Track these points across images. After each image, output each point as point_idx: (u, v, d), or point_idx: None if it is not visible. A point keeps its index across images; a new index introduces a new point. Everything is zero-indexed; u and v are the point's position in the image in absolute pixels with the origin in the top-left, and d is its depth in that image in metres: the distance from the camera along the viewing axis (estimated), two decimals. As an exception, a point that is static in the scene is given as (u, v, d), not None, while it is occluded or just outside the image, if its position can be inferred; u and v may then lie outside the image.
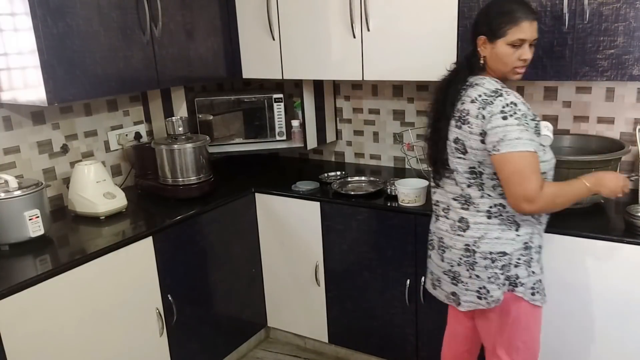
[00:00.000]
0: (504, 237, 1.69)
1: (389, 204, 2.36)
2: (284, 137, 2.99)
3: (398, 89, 2.84)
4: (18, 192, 2.00)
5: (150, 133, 2.87)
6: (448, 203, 1.77)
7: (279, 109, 2.95)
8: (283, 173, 3.01)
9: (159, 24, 2.35)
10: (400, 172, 2.85)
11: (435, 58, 2.25)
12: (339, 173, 2.81)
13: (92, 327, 1.99)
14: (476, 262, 1.70)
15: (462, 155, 1.68)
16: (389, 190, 2.44)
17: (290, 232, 2.65)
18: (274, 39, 2.63)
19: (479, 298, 1.73)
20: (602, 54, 1.94)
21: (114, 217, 2.31)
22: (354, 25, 2.40)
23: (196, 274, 2.42)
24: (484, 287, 1.71)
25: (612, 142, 2.20)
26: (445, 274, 1.81)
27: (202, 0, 2.57)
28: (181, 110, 2.83)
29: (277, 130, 2.98)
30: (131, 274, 2.12)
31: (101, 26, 2.15)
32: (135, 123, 2.80)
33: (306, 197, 2.55)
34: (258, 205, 2.70)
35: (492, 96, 1.61)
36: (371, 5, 2.34)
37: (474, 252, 1.70)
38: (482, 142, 1.61)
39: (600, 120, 2.38)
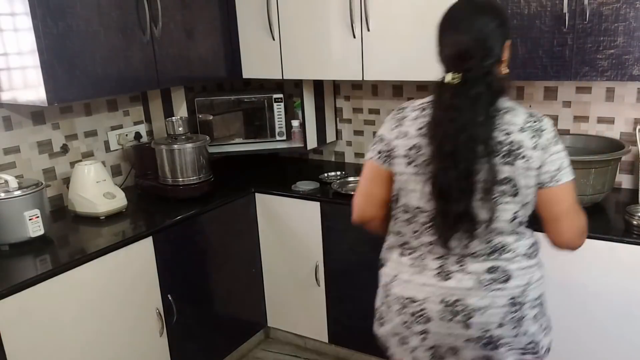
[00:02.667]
0: (542, 275, 1.46)
1: (389, 204, 2.36)
2: (284, 137, 2.99)
3: (398, 89, 2.84)
4: (18, 192, 2.00)
5: (150, 133, 2.87)
6: (462, 253, 1.42)
7: (279, 109, 2.95)
8: (283, 173, 3.01)
9: (159, 24, 2.35)
10: (400, 172, 2.85)
11: (435, 58, 2.25)
12: (339, 173, 2.81)
13: (92, 327, 1.99)
14: (525, 316, 1.41)
15: (510, 199, 1.36)
16: (389, 190, 2.44)
17: (290, 232, 2.64)
18: (274, 39, 2.63)
19: (524, 354, 1.44)
20: (602, 54, 1.94)
21: (114, 217, 2.31)
22: (354, 25, 2.40)
23: (196, 274, 2.42)
24: (532, 342, 1.43)
25: (612, 142, 2.20)
26: (470, 341, 1.42)
27: (202, 0, 2.57)
28: (181, 110, 2.83)
29: (277, 130, 2.98)
30: (131, 274, 2.12)
31: (101, 26, 2.15)
32: (135, 123, 2.80)
33: (306, 197, 2.55)
34: (258, 205, 2.70)
35: (537, 121, 1.37)
36: (371, 5, 2.34)
37: (522, 304, 1.40)
38: (537, 176, 1.36)
39: (600, 120, 2.38)
